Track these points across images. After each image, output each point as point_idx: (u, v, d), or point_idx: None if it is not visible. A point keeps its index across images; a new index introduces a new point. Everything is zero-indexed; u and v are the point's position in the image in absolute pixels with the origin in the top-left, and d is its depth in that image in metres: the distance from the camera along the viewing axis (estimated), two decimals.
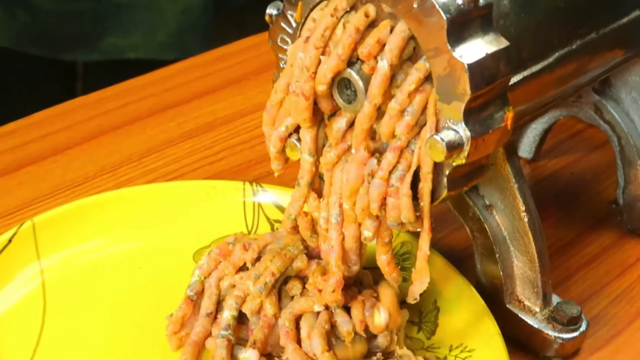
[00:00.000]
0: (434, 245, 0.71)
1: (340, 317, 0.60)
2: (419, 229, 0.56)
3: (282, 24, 0.59)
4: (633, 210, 0.75)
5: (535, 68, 0.58)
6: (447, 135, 0.52)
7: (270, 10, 0.60)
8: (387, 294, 0.61)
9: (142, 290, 0.67)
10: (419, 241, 0.56)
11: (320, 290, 0.59)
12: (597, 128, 0.75)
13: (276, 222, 0.73)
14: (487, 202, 0.64)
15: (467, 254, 0.70)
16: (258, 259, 0.63)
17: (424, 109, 0.53)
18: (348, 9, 0.54)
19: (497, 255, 0.64)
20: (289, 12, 0.59)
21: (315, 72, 0.55)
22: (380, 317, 0.59)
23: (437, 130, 0.53)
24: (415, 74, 0.52)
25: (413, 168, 0.55)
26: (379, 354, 0.61)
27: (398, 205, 0.55)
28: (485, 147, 0.53)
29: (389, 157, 0.54)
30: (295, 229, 0.61)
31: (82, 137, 0.84)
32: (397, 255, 0.69)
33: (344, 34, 0.54)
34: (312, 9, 0.57)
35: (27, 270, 0.67)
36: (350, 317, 0.60)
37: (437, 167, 0.54)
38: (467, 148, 0.52)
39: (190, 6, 1.35)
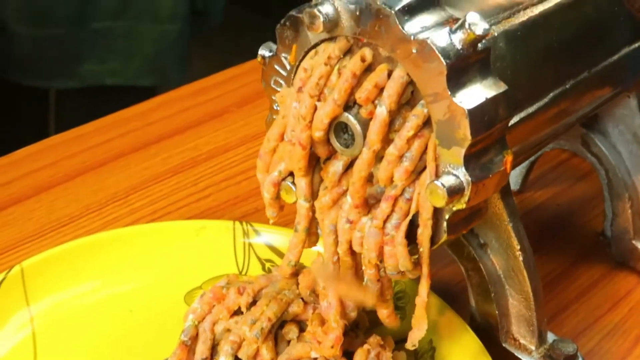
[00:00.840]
0: None
1: None
2: (418, 275, 0.56)
3: (276, 66, 0.59)
4: (621, 242, 0.76)
5: (530, 109, 0.58)
6: (448, 181, 0.52)
7: (263, 52, 0.60)
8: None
9: (134, 335, 0.66)
10: (419, 287, 0.56)
11: (319, 342, 0.58)
12: (581, 157, 0.75)
13: (267, 262, 0.72)
14: (482, 241, 0.64)
15: (460, 289, 0.70)
16: (253, 302, 0.62)
17: (422, 154, 0.53)
18: (342, 56, 0.54)
19: (492, 294, 0.64)
20: (283, 54, 0.58)
21: (311, 121, 0.54)
22: None
23: (437, 175, 0.53)
24: (413, 120, 0.52)
25: (412, 214, 0.54)
26: None
27: (395, 254, 0.54)
28: (485, 191, 0.53)
29: (383, 207, 0.54)
30: (295, 275, 0.61)
31: (66, 175, 0.83)
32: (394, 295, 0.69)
33: (341, 79, 0.54)
34: (306, 52, 0.57)
35: (17, 318, 0.65)
36: None
37: (437, 212, 0.54)
38: (467, 193, 0.52)
39: (166, 31, 1.36)
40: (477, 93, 0.51)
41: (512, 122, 0.56)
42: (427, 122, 0.53)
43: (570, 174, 0.87)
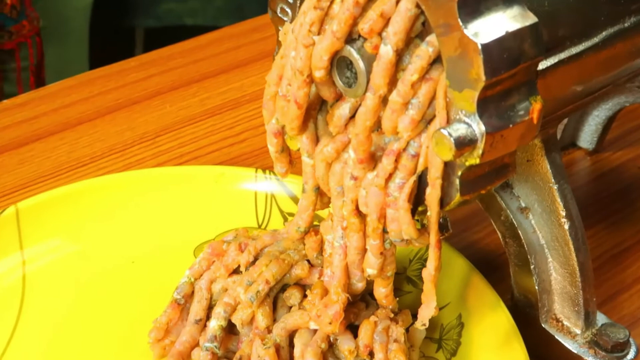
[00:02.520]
0: (466, 249, 0.63)
1: (342, 335, 0.52)
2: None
3: None
4: None
5: (575, 49, 0.48)
6: (457, 130, 0.43)
7: None
8: (417, 337, 0.53)
9: (132, 289, 0.60)
10: (427, 259, 0.48)
11: (318, 316, 0.51)
12: None
13: (290, 216, 0.65)
14: (523, 204, 0.55)
15: (504, 260, 0.61)
16: (254, 262, 0.55)
17: (432, 100, 0.45)
18: None
19: (532, 267, 0.55)
20: None
21: (309, 76, 0.47)
22: None
23: (448, 123, 0.44)
24: (417, 62, 0.44)
25: (420, 170, 0.46)
26: None
27: (398, 218, 0.46)
28: (504, 144, 0.44)
29: (385, 163, 0.46)
30: (304, 240, 0.53)
31: (96, 112, 0.77)
32: (421, 260, 0.61)
33: (341, 7, 0.45)
34: None
35: (8, 261, 0.60)
36: (355, 337, 0.52)
37: (449, 169, 0.45)
38: (480, 145, 0.43)
39: None
40: (496, 25, 0.42)
41: (549, 64, 0.47)
42: (438, 59, 0.44)
43: None
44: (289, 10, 0.52)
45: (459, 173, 0.45)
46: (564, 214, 0.54)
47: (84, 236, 0.62)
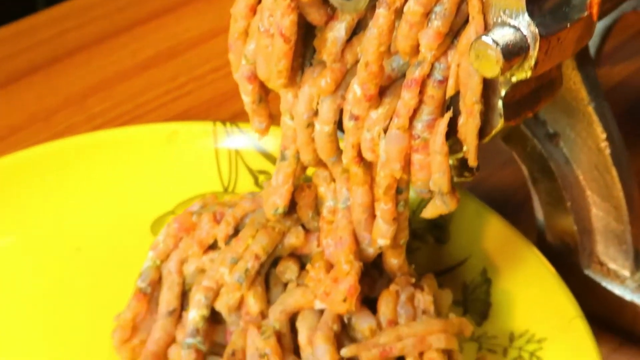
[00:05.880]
0: (475, 189, 0.54)
1: (358, 312, 0.42)
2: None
3: None
4: None
5: None
6: (504, 36, 0.34)
7: None
8: (444, 303, 0.43)
9: (83, 282, 0.50)
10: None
11: (327, 294, 0.41)
12: None
13: (261, 174, 0.55)
14: (551, 131, 0.47)
15: (522, 198, 0.53)
16: (235, 234, 0.45)
17: (459, 3, 0.35)
18: None
19: (568, 204, 0.46)
20: None
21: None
22: None
23: (486, 30, 0.34)
24: None
25: (450, 93, 0.36)
26: None
27: (428, 164, 0.37)
28: (560, 50, 0.35)
29: (407, 98, 0.37)
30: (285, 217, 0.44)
31: (7, 77, 0.65)
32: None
33: None
34: None
35: None
36: (373, 312, 0.43)
37: (487, 89, 0.36)
38: (533, 53, 0.34)
39: None
40: None
41: None
42: None
43: None
44: None
45: (503, 93, 0.35)
46: (604, 136, 0.45)
47: (16, 225, 0.51)
